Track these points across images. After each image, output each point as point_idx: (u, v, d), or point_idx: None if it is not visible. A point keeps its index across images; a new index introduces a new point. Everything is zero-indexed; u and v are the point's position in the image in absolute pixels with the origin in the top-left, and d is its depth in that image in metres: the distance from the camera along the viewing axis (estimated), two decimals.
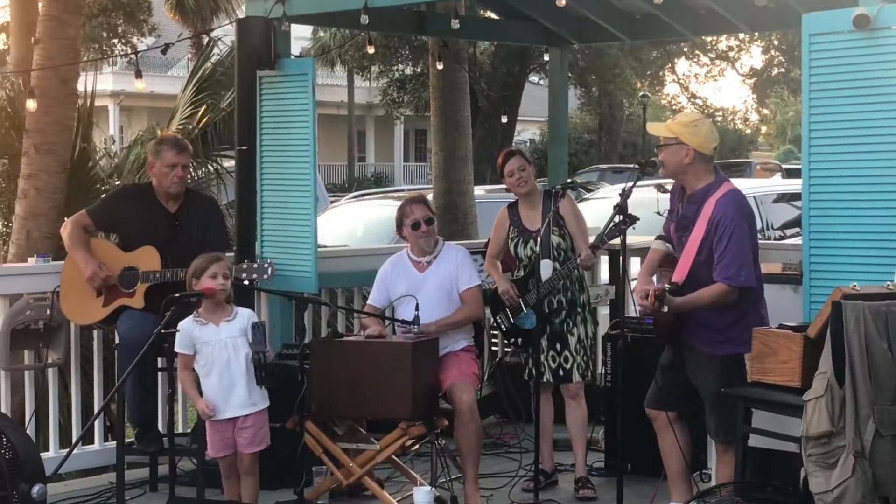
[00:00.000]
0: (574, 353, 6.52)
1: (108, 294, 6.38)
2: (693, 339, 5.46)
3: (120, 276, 6.36)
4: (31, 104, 7.51)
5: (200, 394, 5.59)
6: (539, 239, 6.43)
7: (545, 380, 6.55)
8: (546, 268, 6.36)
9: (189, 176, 6.79)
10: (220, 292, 5.58)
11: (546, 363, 6.52)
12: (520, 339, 6.67)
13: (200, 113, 10.14)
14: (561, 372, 6.53)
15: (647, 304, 5.29)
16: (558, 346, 6.53)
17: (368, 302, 6.51)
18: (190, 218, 6.52)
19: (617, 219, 5.73)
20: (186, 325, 5.59)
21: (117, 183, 9.85)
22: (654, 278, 5.73)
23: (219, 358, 5.55)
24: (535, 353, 6.39)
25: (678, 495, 5.71)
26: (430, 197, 15.33)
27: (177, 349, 5.61)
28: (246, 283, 6.15)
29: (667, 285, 5.35)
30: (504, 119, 25.29)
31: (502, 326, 6.73)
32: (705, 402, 5.49)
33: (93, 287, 6.36)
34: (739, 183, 13.73)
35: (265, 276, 6.23)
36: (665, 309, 5.25)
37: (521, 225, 6.65)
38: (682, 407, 5.63)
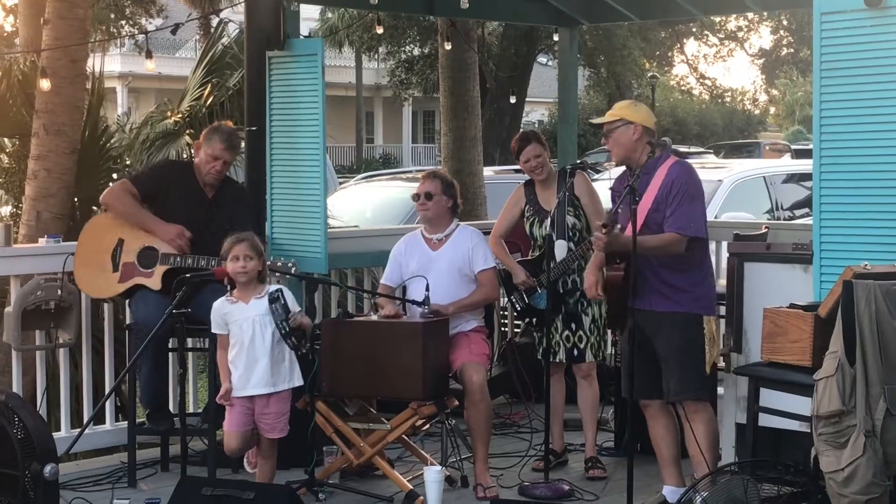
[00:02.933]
0: (588, 333, 6.52)
1: (125, 270, 6.36)
2: (647, 302, 5.53)
3: (138, 254, 6.36)
4: (44, 84, 7.50)
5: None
6: (552, 219, 6.41)
7: (558, 360, 6.55)
8: (560, 248, 6.34)
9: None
10: (239, 275, 5.56)
11: (560, 343, 6.53)
12: (535, 319, 6.67)
13: (206, 92, 10.14)
14: (575, 352, 6.53)
15: (600, 239, 5.41)
16: (573, 326, 6.53)
17: (382, 281, 6.51)
18: (222, 204, 6.51)
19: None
20: (218, 305, 5.60)
21: (127, 163, 9.85)
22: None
23: (244, 334, 5.55)
24: (546, 333, 6.39)
25: (670, 479, 5.74)
26: None
27: (213, 330, 5.64)
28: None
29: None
30: (513, 100, 25.20)
31: (517, 306, 6.73)
32: (662, 364, 5.57)
33: (177, 246, 6.28)
34: (749, 163, 13.68)
35: (287, 276, 6.22)
36: (617, 227, 5.43)
37: (538, 204, 6.62)
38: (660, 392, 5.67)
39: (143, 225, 6.37)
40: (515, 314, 6.97)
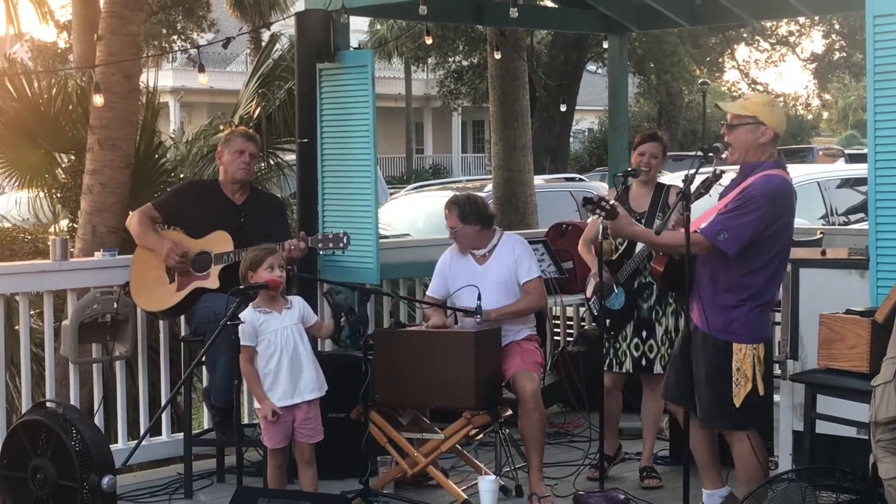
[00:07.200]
0: (660, 344, 6.41)
1: (181, 279, 6.40)
2: (693, 313, 5.35)
3: (193, 261, 6.40)
4: (97, 99, 7.59)
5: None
6: (642, 222, 6.17)
7: (624, 370, 6.49)
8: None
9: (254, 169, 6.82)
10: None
11: (628, 352, 6.46)
12: (609, 323, 6.54)
13: (253, 105, 10.21)
14: (644, 361, 6.43)
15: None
16: (644, 334, 6.42)
17: (428, 293, 6.51)
18: (255, 212, 6.56)
19: (679, 205, 5.64)
20: (249, 316, 5.58)
21: (181, 177, 9.93)
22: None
23: (286, 344, 5.58)
24: (605, 335, 6.31)
25: (710, 483, 5.63)
26: (488, 188, 15.38)
27: (243, 342, 5.54)
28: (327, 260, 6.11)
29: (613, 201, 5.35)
30: (563, 108, 25.18)
31: (593, 311, 6.65)
32: (695, 384, 5.34)
33: (171, 265, 6.37)
34: (802, 168, 13.46)
35: (341, 245, 6.25)
36: (617, 209, 5.25)
37: (627, 203, 6.45)
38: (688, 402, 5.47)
39: (146, 246, 6.49)
40: (593, 321, 6.91)
